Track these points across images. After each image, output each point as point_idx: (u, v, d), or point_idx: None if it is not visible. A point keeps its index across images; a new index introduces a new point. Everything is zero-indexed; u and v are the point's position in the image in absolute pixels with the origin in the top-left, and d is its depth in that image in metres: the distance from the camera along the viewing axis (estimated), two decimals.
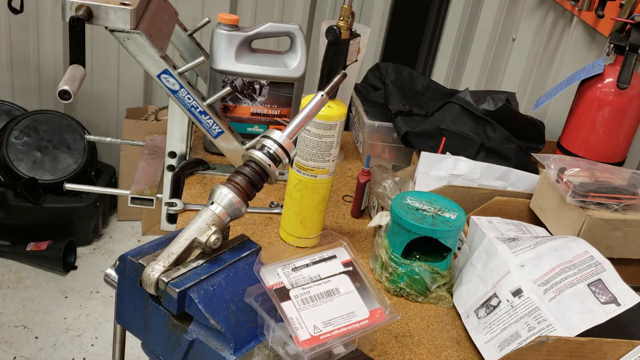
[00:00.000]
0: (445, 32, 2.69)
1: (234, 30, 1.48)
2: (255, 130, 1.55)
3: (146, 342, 0.90)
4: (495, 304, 1.05)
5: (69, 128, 2.97)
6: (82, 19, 1.14)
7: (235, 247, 0.88)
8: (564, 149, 1.51)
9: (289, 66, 1.51)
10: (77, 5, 1.15)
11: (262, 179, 0.82)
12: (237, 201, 0.80)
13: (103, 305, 2.68)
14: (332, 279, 0.87)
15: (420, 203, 1.16)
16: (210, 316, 0.79)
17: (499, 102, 1.48)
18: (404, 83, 1.71)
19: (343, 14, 1.23)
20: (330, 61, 1.22)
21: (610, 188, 1.19)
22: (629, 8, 1.48)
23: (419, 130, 1.47)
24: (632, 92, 1.39)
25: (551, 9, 2.01)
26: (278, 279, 0.84)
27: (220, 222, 0.80)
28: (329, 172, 1.20)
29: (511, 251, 1.09)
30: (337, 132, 1.16)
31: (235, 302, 0.82)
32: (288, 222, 1.25)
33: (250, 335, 0.82)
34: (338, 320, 0.83)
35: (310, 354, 0.79)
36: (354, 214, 1.41)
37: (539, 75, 2.05)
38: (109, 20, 1.18)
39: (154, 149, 1.68)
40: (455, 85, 2.58)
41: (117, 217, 3.22)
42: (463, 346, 1.07)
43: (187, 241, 0.79)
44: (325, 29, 1.25)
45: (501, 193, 1.34)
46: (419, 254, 1.15)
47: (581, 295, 0.99)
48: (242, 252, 0.88)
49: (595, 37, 1.76)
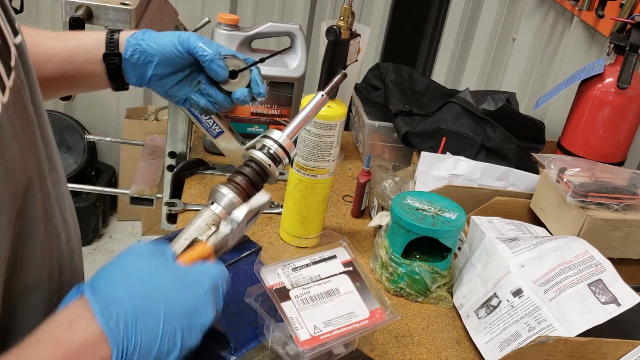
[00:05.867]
0: (445, 32, 2.69)
1: (234, 30, 1.48)
2: (255, 130, 1.55)
3: None
4: (495, 304, 1.05)
5: (69, 128, 2.97)
6: (82, 19, 1.13)
7: (235, 247, 0.88)
8: (564, 149, 1.51)
9: (289, 66, 1.51)
10: (77, 5, 1.15)
11: (262, 179, 0.82)
12: (237, 201, 0.79)
13: None
14: (332, 279, 0.87)
15: (421, 203, 1.16)
16: None
17: (499, 102, 1.48)
18: (404, 83, 1.71)
19: (343, 14, 1.23)
20: (330, 61, 1.22)
21: (610, 188, 1.19)
22: (629, 8, 1.48)
23: (419, 130, 1.47)
24: (632, 92, 1.39)
25: (551, 9, 2.01)
26: (278, 279, 0.84)
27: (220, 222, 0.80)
28: (329, 172, 1.20)
29: (511, 251, 1.09)
30: (337, 132, 1.16)
31: (235, 302, 0.82)
32: (288, 222, 1.25)
33: (250, 335, 0.82)
34: (338, 320, 0.83)
35: (310, 354, 0.79)
36: (354, 214, 1.41)
37: (539, 75, 2.05)
38: (109, 20, 1.18)
39: (154, 149, 1.68)
40: (455, 85, 2.57)
41: (117, 217, 3.22)
42: (463, 346, 1.07)
43: (187, 241, 0.79)
44: (325, 29, 1.25)
45: (501, 193, 1.34)
46: (419, 254, 1.15)
47: (581, 295, 0.99)
48: (242, 252, 0.88)
49: (595, 37, 1.76)
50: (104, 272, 0.62)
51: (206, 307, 0.64)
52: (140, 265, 0.63)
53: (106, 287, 0.60)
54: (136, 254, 0.64)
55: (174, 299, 0.62)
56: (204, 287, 0.65)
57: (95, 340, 0.57)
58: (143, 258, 0.64)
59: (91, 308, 0.58)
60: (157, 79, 0.89)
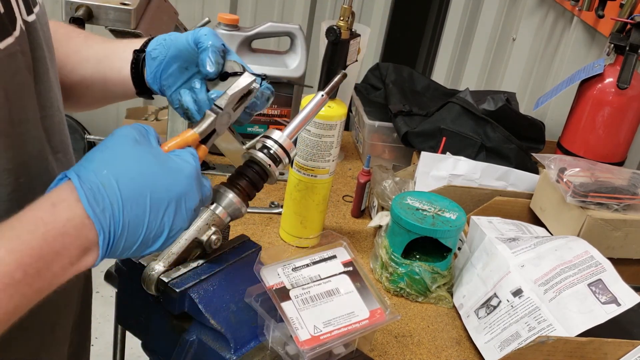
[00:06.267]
0: (445, 32, 2.69)
1: (234, 30, 1.48)
2: (255, 130, 1.55)
3: (146, 342, 0.90)
4: (495, 304, 1.05)
5: (69, 128, 2.96)
6: (82, 19, 1.14)
7: (235, 247, 0.88)
8: (564, 149, 1.51)
9: (289, 66, 1.51)
10: (77, 5, 1.15)
11: (262, 179, 0.82)
12: (238, 201, 0.80)
13: (103, 306, 2.68)
14: (332, 279, 0.87)
15: (421, 203, 1.16)
16: (210, 316, 0.79)
17: (499, 102, 1.48)
18: (404, 83, 1.71)
19: (343, 14, 1.23)
20: (330, 61, 1.23)
21: (610, 188, 1.19)
22: (629, 8, 1.48)
23: (419, 130, 1.47)
24: (632, 92, 1.39)
25: (551, 9, 2.01)
26: (278, 279, 0.84)
27: (221, 222, 0.80)
28: (329, 172, 1.20)
29: (511, 251, 1.09)
30: (337, 132, 1.16)
31: (235, 302, 0.82)
32: (288, 222, 1.25)
33: (250, 335, 0.82)
34: (338, 320, 0.83)
35: (310, 354, 0.79)
36: (354, 214, 1.41)
37: (539, 75, 2.05)
38: (109, 20, 1.18)
39: None
40: (455, 85, 2.57)
41: None
42: (463, 346, 1.07)
43: (187, 241, 0.79)
44: (325, 29, 1.25)
45: (501, 193, 1.34)
46: (419, 254, 1.15)
47: (581, 295, 0.99)
48: (242, 252, 0.88)
49: (595, 37, 1.76)
50: (90, 157, 0.62)
51: (191, 191, 0.65)
52: (126, 150, 0.63)
53: (92, 173, 0.60)
54: (122, 138, 0.64)
55: (159, 185, 0.62)
56: (188, 172, 0.65)
57: (80, 223, 0.58)
58: (129, 143, 0.63)
59: (77, 193, 0.58)
60: (167, 75, 0.84)
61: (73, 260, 0.58)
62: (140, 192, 0.61)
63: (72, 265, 0.58)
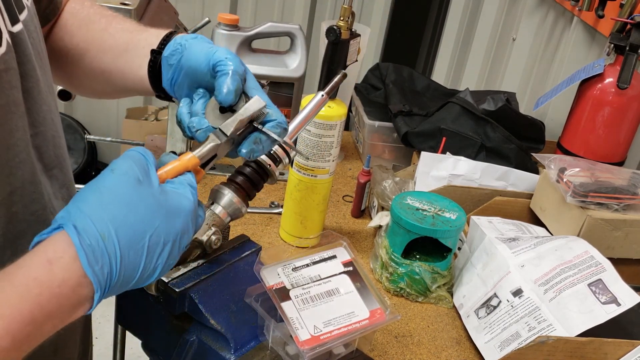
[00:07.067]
0: (445, 32, 2.69)
1: (234, 30, 1.48)
2: None
3: (146, 342, 0.91)
4: (495, 304, 1.05)
5: (69, 128, 2.97)
6: None
7: (235, 247, 0.88)
8: (564, 149, 1.51)
9: (289, 66, 1.51)
10: None
11: (262, 178, 0.82)
12: (238, 201, 0.80)
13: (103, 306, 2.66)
14: (332, 279, 0.87)
15: (421, 203, 1.16)
16: (210, 316, 0.79)
17: (499, 102, 1.48)
18: (404, 83, 1.71)
19: (343, 14, 1.23)
20: (330, 61, 1.23)
21: (610, 188, 1.19)
22: (629, 8, 1.48)
23: (419, 130, 1.47)
24: (632, 92, 1.39)
25: (551, 9, 2.01)
26: (278, 279, 0.84)
27: (221, 222, 0.80)
28: (329, 172, 1.20)
29: (511, 251, 1.09)
30: (337, 132, 1.16)
31: (235, 302, 0.82)
32: (288, 222, 1.25)
33: (250, 335, 0.82)
34: (338, 320, 0.83)
35: (310, 354, 0.79)
36: (354, 214, 1.41)
37: (539, 75, 2.05)
38: None
39: (154, 149, 1.68)
40: (455, 85, 2.57)
41: None
42: (463, 346, 1.07)
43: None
44: (325, 29, 1.25)
45: (501, 193, 1.34)
46: (419, 254, 1.15)
47: (581, 295, 0.99)
48: (242, 252, 0.88)
49: (595, 37, 1.76)
50: (87, 198, 0.58)
51: (187, 230, 0.63)
52: (127, 193, 0.59)
53: (90, 223, 0.56)
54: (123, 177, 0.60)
55: (158, 228, 0.60)
56: (187, 211, 0.63)
57: (76, 283, 0.55)
58: (130, 184, 0.60)
59: (75, 249, 0.55)
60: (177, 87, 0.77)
61: (65, 318, 0.56)
62: (139, 237, 0.58)
63: (63, 322, 0.56)
